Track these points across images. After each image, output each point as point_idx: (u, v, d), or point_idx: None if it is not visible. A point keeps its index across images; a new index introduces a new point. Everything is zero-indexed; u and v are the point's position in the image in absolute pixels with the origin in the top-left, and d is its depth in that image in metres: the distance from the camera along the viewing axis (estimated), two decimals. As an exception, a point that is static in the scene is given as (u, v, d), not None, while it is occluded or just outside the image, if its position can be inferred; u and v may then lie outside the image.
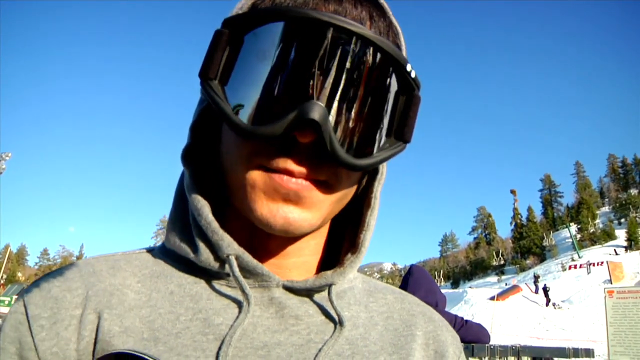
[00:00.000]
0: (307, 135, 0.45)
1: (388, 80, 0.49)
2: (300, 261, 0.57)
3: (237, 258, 0.51)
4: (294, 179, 0.47)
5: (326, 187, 0.50)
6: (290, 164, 0.47)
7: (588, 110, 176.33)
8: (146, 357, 0.45)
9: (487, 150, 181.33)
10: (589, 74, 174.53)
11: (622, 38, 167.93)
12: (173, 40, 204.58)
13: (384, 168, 0.60)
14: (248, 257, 0.51)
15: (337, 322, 0.53)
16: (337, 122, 0.46)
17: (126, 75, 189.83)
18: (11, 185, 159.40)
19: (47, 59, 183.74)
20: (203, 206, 0.53)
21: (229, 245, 0.51)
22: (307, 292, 0.55)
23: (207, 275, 0.54)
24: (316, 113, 0.44)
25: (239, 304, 0.52)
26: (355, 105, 0.47)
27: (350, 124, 0.47)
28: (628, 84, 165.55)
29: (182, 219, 0.56)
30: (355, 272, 0.60)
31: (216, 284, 0.53)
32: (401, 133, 0.51)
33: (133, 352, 0.45)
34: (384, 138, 0.51)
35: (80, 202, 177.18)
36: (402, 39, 0.57)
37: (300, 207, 0.49)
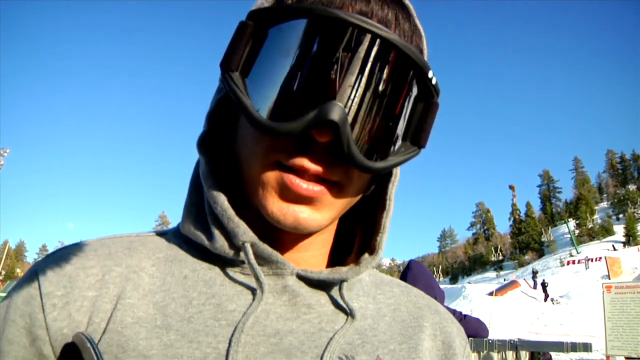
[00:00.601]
0: (325, 135, 0.46)
1: (408, 85, 0.50)
2: (309, 255, 0.58)
3: (252, 245, 0.51)
4: (304, 185, 0.48)
5: (338, 189, 0.50)
6: (306, 162, 0.47)
7: (587, 106, 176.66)
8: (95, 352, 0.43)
9: (485, 146, 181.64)
10: (587, 70, 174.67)
11: (620, 34, 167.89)
12: (169, 38, 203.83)
13: (397, 170, 0.60)
14: (263, 245, 0.52)
15: (349, 314, 0.54)
16: (354, 124, 0.46)
17: (125, 72, 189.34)
18: (10, 181, 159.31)
19: (45, 55, 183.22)
20: (219, 194, 0.53)
21: (245, 232, 0.51)
22: (319, 283, 0.55)
23: (221, 262, 0.54)
24: (336, 114, 0.44)
25: (253, 291, 0.52)
26: (374, 109, 0.47)
27: (368, 127, 0.48)
28: (627, 80, 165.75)
29: (197, 206, 0.57)
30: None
31: (230, 271, 0.54)
32: (417, 138, 0.52)
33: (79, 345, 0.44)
34: (399, 142, 0.51)
35: (79, 199, 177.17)
36: (425, 42, 0.57)
37: (311, 208, 0.50)
